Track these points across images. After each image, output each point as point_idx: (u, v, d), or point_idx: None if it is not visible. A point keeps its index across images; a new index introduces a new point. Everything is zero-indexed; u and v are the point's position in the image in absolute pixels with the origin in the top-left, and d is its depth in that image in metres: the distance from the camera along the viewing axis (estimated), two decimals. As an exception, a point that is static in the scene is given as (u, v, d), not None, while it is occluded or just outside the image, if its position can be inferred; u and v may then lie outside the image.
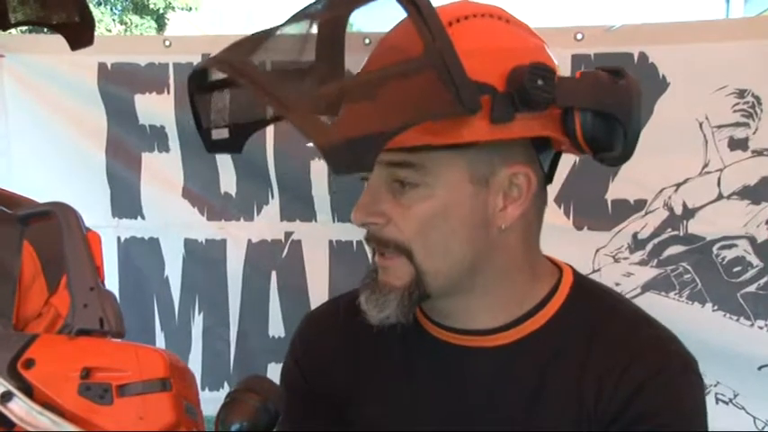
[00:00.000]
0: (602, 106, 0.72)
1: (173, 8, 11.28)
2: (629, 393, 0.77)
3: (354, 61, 0.77)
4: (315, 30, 0.73)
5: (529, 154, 0.77)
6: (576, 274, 0.86)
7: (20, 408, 0.53)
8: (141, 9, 11.17)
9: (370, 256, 0.83)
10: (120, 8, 11.42)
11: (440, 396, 0.83)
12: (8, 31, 0.96)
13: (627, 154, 0.74)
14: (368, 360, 0.87)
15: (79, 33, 0.91)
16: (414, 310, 0.80)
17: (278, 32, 0.70)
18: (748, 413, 1.62)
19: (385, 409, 0.84)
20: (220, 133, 0.76)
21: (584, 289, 0.85)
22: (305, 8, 0.71)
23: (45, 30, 0.96)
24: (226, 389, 1.85)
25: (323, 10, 0.72)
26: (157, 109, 1.80)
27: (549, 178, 0.82)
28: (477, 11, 0.76)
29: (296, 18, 0.71)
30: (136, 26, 11.03)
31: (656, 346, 0.80)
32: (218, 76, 0.73)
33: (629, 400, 0.77)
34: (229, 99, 0.75)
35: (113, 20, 11.16)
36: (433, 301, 0.82)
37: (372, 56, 0.77)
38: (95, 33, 0.94)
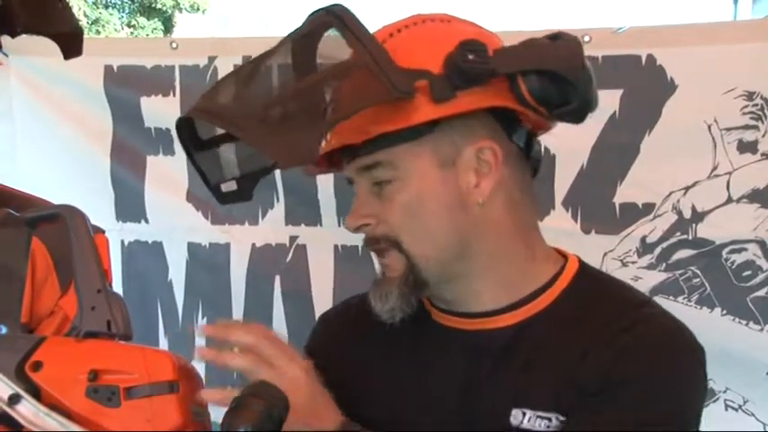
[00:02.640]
0: (542, 64, 0.76)
1: (180, 9, 11.32)
2: (610, 357, 0.77)
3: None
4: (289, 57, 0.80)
5: (492, 129, 0.81)
6: (581, 262, 0.88)
7: (28, 410, 0.54)
8: (149, 11, 11.22)
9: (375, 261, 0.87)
10: (127, 11, 11.47)
11: (447, 382, 0.84)
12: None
13: (584, 105, 0.77)
14: (379, 352, 0.89)
15: (71, 43, 0.95)
16: (415, 299, 0.83)
17: (254, 66, 0.77)
18: (758, 420, 1.61)
19: (395, 397, 0.86)
20: (229, 186, 0.84)
21: (589, 275, 0.87)
22: (284, 39, 0.79)
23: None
24: (230, 394, 1.84)
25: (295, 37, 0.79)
26: (163, 111, 1.80)
27: (527, 155, 0.85)
28: (419, 19, 0.82)
29: (273, 51, 0.78)
30: (143, 28, 11.07)
31: (648, 320, 0.80)
32: (208, 134, 0.82)
33: (611, 365, 0.77)
34: (232, 153, 0.83)
35: (121, 22, 11.20)
36: (434, 289, 0.84)
37: None
38: (102, 35, 0.96)
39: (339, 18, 0.75)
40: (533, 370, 0.81)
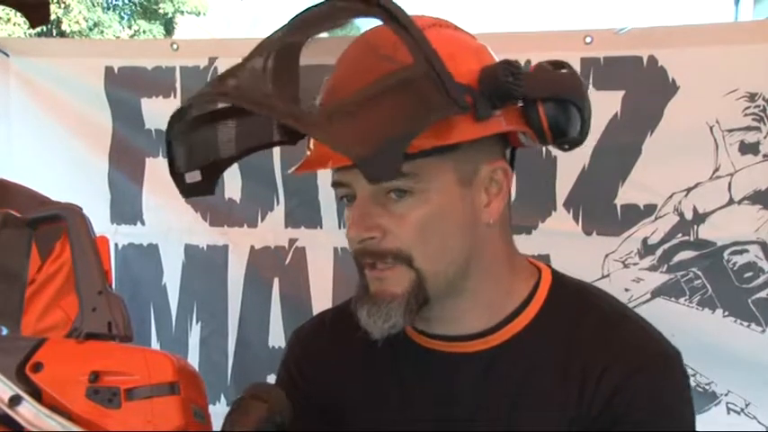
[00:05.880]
0: (559, 94, 0.77)
1: (181, 12, 11.33)
2: (607, 396, 0.78)
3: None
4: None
5: (503, 149, 0.82)
6: (554, 273, 0.88)
7: (28, 411, 0.53)
8: (150, 14, 11.23)
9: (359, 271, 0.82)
10: (128, 13, 11.48)
11: (427, 404, 0.84)
12: (15, 34, 0.97)
13: (583, 136, 0.80)
14: (357, 372, 0.88)
15: (36, 11, 0.94)
16: (416, 315, 0.80)
17: (250, 62, 0.74)
18: (760, 423, 1.60)
19: (376, 419, 0.85)
20: (193, 176, 0.80)
21: (563, 288, 0.86)
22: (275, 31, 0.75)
23: (53, 33, 0.97)
24: (223, 402, 1.81)
25: (291, 34, 0.75)
26: (164, 113, 1.78)
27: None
28: (429, 23, 0.79)
29: (264, 46, 0.75)
30: (144, 32, 11.08)
31: (634, 345, 0.81)
32: (198, 112, 0.78)
33: (608, 403, 0.78)
34: (206, 137, 0.80)
35: (121, 25, 11.21)
36: (427, 307, 0.82)
37: (348, 59, 0.79)
38: (102, 38, 0.95)
39: (390, 14, 0.67)
40: (515, 396, 0.80)
